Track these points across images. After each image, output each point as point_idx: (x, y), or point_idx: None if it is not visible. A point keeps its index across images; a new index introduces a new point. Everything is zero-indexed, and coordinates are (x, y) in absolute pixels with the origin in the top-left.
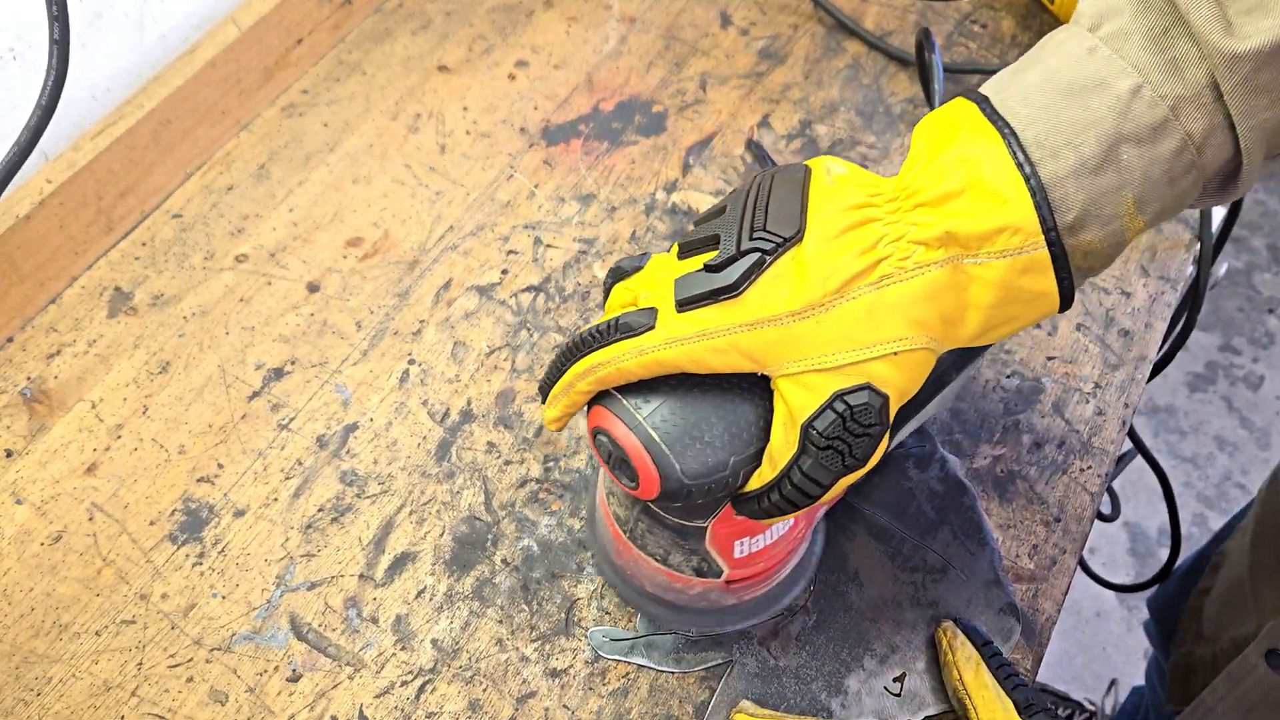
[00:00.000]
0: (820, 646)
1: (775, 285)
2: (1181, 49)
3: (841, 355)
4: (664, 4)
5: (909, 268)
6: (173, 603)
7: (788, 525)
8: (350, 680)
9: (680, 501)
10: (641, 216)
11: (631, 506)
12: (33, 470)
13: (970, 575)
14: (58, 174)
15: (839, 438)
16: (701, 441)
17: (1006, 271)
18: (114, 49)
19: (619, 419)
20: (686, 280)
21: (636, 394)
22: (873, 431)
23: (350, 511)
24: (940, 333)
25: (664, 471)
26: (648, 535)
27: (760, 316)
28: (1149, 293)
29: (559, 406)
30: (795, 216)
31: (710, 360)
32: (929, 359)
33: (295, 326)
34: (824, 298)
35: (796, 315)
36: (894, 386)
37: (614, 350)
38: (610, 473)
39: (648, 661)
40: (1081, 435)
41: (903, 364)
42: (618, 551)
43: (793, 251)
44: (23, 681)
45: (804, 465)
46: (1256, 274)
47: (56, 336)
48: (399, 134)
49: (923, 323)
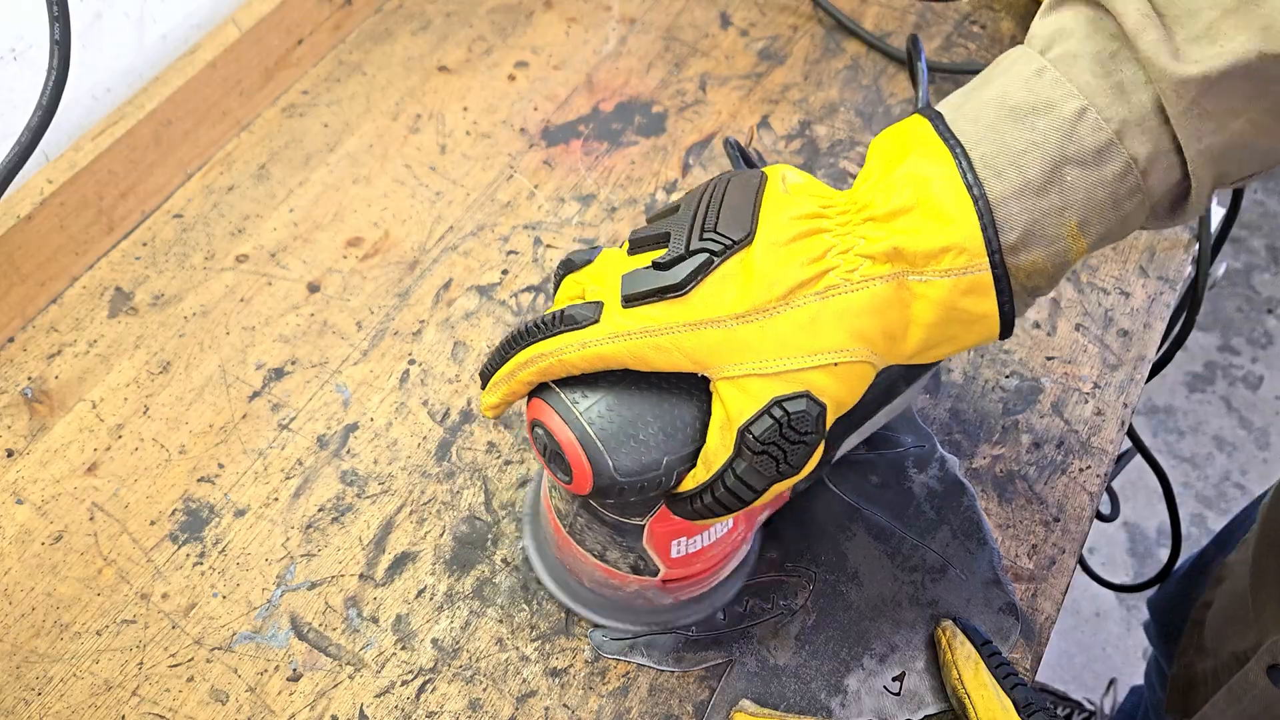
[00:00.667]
0: (820, 646)
1: (721, 287)
2: (1128, 73)
3: (782, 361)
4: (664, 5)
5: (855, 280)
6: (173, 602)
7: (726, 528)
8: (351, 680)
9: (613, 498)
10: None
11: (571, 501)
12: (33, 470)
13: (969, 575)
14: (58, 174)
15: (775, 443)
16: (637, 439)
17: (950, 291)
18: (115, 49)
19: (556, 412)
20: (634, 276)
21: (576, 388)
22: (808, 439)
23: (350, 511)
24: (882, 347)
25: (597, 467)
26: (586, 531)
27: (704, 317)
28: (1148, 293)
29: (498, 394)
30: (746, 220)
31: (652, 358)
32: (868, 372)
33: (296, 326)
34: (769, 303)
35: (740, 318)
36: (832, 396)
37: (557, 342)
38: (545, 465)
39: (648, 660)
40: (1080, 435)
41: (842, 375)
42: (558, 546)
43: (741, 254)
44: (23, 681)
45: (738, 469)
46: (1255, 274)
47: (57, 336)
48: (399, 134)
49: (865, 336)
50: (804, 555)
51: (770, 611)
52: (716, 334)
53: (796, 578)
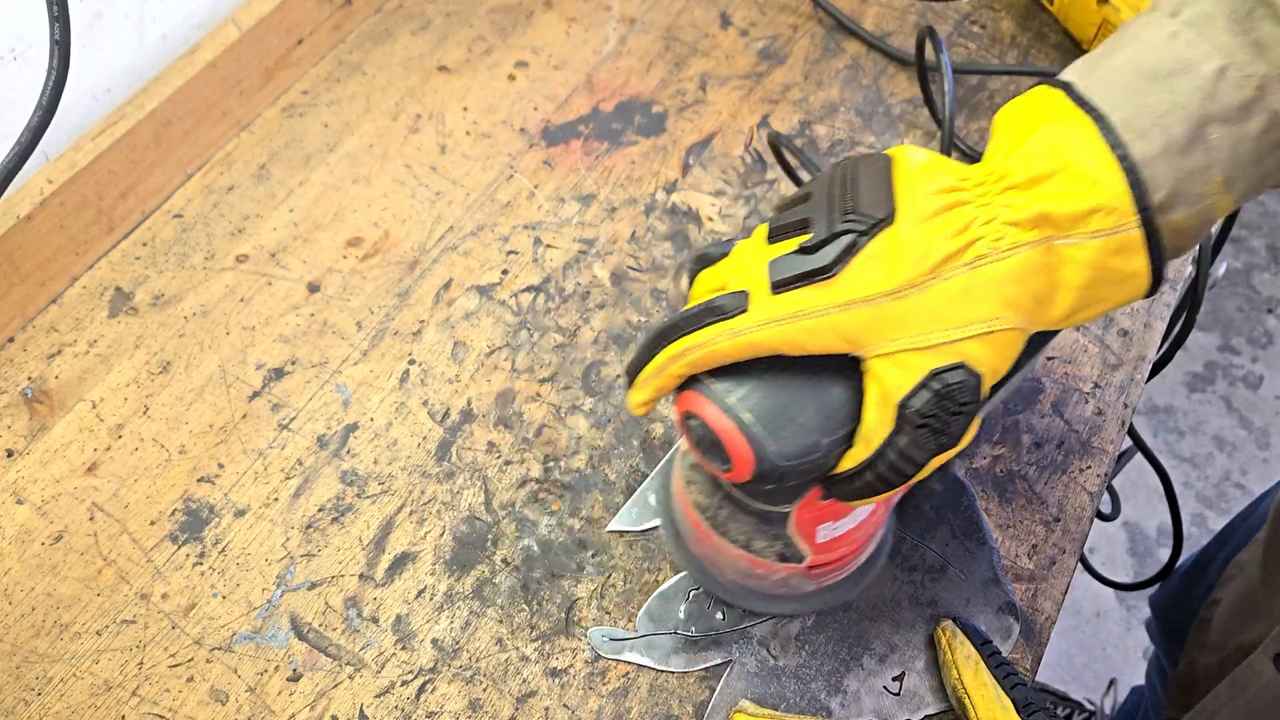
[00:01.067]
0: (819, 646)
1: (869, 266)
2: (1266, 29)
3: (936, 334)
4: (664, 5)
5: (1002, 248)
6: (173, 602)
7: (868, 510)
8: (351, 680)
9: (773, 483)
10: (641, 217)
11: (713, 494)
12: (33, 470)
13: (969, 574)
14: (58, 174)
15: (934, 415)
16: (794, 423)
17: (1099, 252)
18: (115, 49)
19: (711, 402)
20: (780, 263)
21: (726, 378)
22: (967, 410)
23: (350, 511)
24: (1031, 313)
25: (758, 453)
26: (730, 522)
27: (855, 297)
28: None
29: (648, 390)
30: (885, 199)
31: (804, 341)
32: (1020, 339)
33: (296, 326)
34: (918, 278)
35: (891, 295)
36: (988, 365)
37: (708, 333)
38: (700, 457)
39: (647, 660)
40: (1081, 435)
41: (996, 343)
42: (697, 540)
43: (885, 233)
44: (23, 681)
45: (899, 444)
46: (1255, 274)
47: (57, 336)
48: (399, 134)
49: (1015, 303)
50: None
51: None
52: (869, 312)
53: None
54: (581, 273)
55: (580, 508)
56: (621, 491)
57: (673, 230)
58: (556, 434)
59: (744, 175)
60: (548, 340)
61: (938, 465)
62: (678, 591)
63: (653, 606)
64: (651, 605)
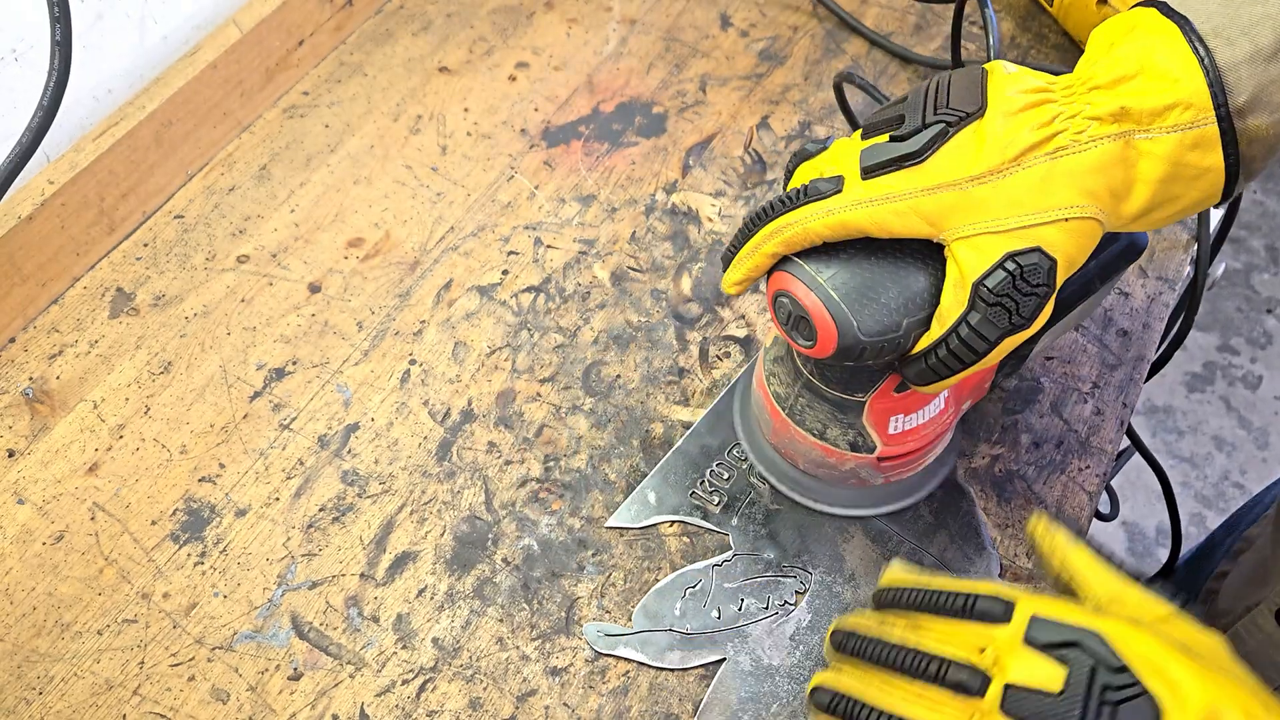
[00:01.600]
0: (814, 647)
1: (957, 153)
2: None
3: (1015, 219)
4: (664, 6)
5: (1083, 140)
6: (174, 602)
7: (938, 408)
8: (351, 679)
9: (854, 360)
10: (641, 217)
11: (793, 383)
12: (35, 470)
13: (968, 577)
14: (60, 175)
15: (1008, 295)
16: (878, 303)
17: (1176, 146)
18: (116, 50)
19: (800, 281)
20: (873, 149)
21: (816, 259)
22: (1040, 291)
23: (351, 511)
24: (1108, 205)
25: (842, 329)
26: (807, 411)
27: (941, 181)
28: (1147, 293)
29: (743, 269)
30: (977, 96)
31: (891, 223)
32: (1096, 230)
33: (296, 327)
34: (1002, 164)
35: (975, 180)
36: (1063, 252)
37: (802, 212)
38: (786, 334)
39: (642, 656)
40: (1080, 435)
41: (1072, 231)
42: (774, 431)
43: (974, 125)
44: (25, 680)
45: (972, 320)
46: (1254, 274)
47: (58, 337)
48: (400, 135)
49: (1093, 192)
50: (801, 556)
51: (766, 611)
52: (953, 196)
53: (793, 578)
54: (582, 273)
55: (580, 507)
56: (621, 491)
57: (673, 231)
58: (557, 434)
59: (744, 176)
60: (548, 340)
61: (1009, 351)
62: (674, 589)
63: (649, 603)
64: (648, 601)
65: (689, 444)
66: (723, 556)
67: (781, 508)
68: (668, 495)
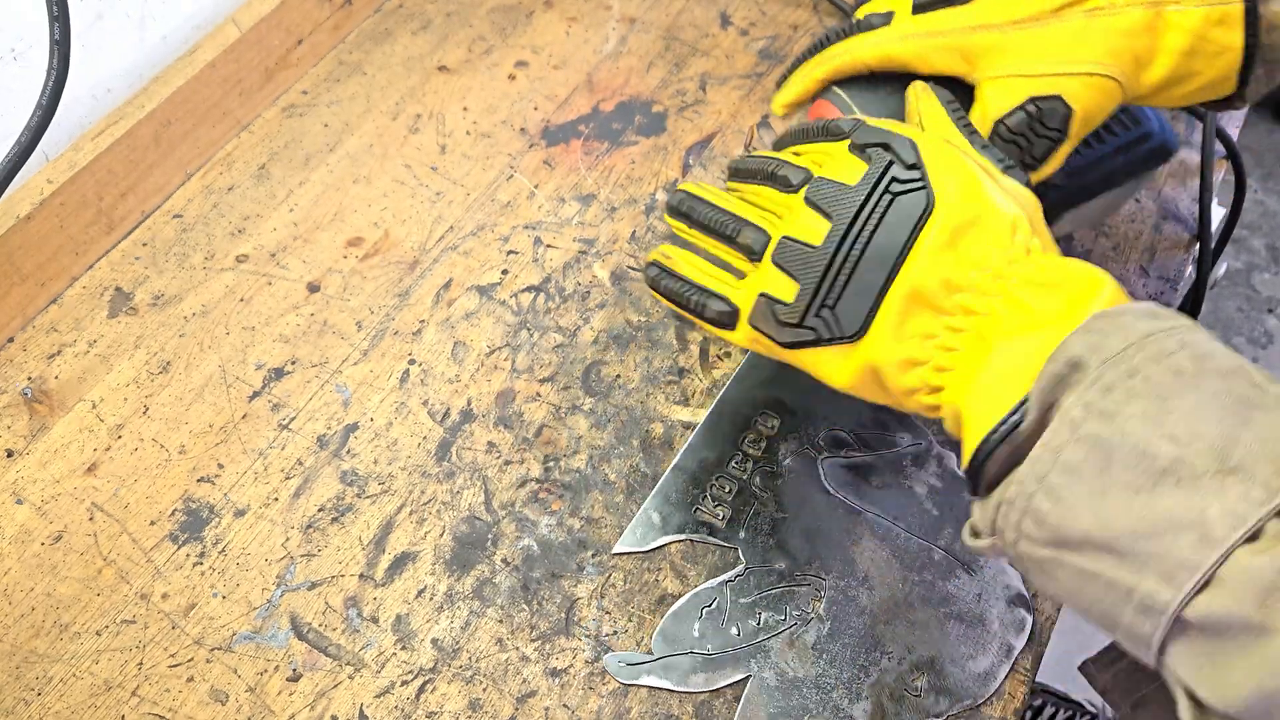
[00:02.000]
0: (837, 654)
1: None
2: None
3: (1044, 65)
4: (664, 4)
5: (1119, 4)
6: (173, 602)
7: None
8: (351, 680)
9: None
10: (641, 217)
11: None
12: (33, 470)
13: (977, 570)
14: (58, 174)
15: (1023, 134)
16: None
17: (1202, 21)
18: (115, 49)
19: (837, 109)
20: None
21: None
22: (1053, 135)
23: (350, 511)
24: (1130, 70)
25: None
26: None
27: (985, 20)
28: (1149, 293)
29: (793, 90)
30: None
31: (933, 58)
32: (1116, 92)
33: (296, 326)
34: (1041, 14)
35: (1016, 24)
36: (1081, 105)
37: (852, 41)
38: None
39: (666, 683)
40: None
41: (1094, 86)
42: None
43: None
44: (23, 681)
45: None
46: (1256, 274)
47: (57, 336)
48: (399, 134)
49: (1119, 55)
50: (813, 564)
51: (784, 623)
52: (991, 37)
53: (807, 587)
54: (581, 273)
55: (580, 507)
56: (621, 491)
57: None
58: (556, 434)
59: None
60: (548, 340)
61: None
62: (691, 610)
63: (666, 627)
64: (665, 626)
65: (687, 459)
66: (734, 572)
67: (787, 515)
68: (672, 514)
